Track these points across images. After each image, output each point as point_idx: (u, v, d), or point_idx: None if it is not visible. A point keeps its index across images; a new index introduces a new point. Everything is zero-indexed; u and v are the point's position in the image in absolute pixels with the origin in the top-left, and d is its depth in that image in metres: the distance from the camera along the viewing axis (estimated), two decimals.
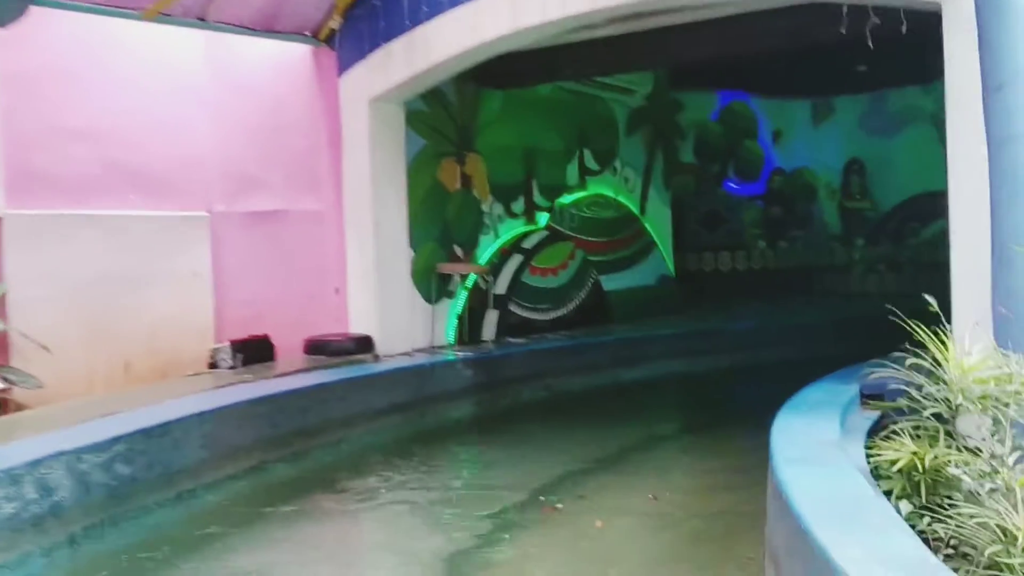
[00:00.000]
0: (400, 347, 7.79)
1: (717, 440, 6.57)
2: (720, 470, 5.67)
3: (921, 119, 14.75)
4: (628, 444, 6.29)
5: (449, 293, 8.47)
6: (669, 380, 9.18)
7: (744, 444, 6.21)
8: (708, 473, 5.67)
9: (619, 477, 5.62)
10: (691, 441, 6.67)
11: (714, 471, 5.68)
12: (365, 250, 7.67)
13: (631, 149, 11.17)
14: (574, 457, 5.94)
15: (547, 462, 5.80)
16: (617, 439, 6.42)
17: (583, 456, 5.97)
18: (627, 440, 6.41)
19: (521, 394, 8.15)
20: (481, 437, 6.82)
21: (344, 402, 6.40)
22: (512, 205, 9.33)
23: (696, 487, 5.39)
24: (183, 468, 4.99)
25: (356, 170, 7.71)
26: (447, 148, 8.51)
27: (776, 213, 14.70)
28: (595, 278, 10.30)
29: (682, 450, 6.44)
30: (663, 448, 6.39)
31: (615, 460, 5.88)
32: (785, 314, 11.48)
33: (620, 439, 6.43)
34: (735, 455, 5.98)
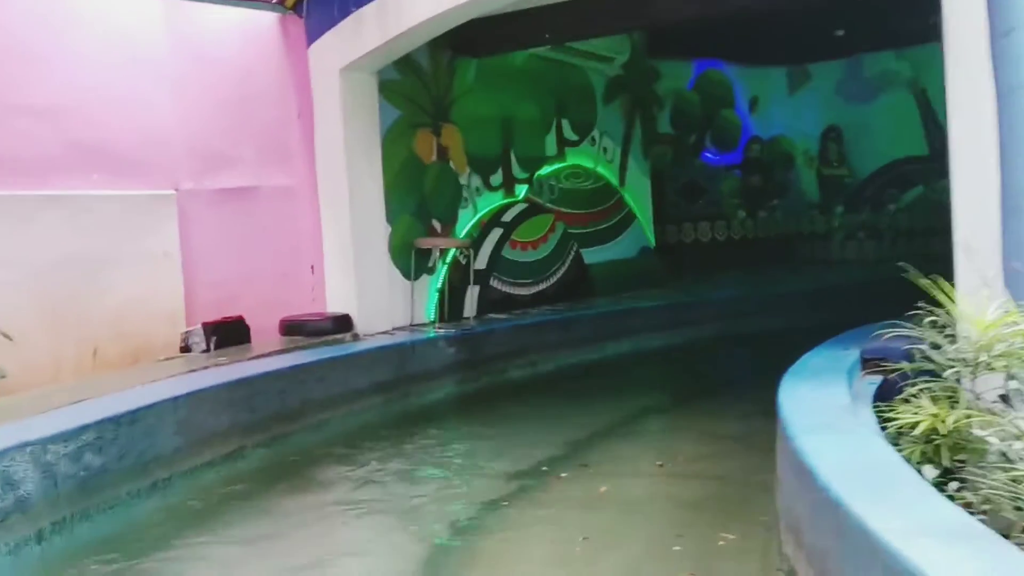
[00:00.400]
0: (380, 326, 7.54)
1: (712, 409, 6.40)
2: (721, 438, 5.50)
3: (897, 84, 14.65)
4: (622, 417, 6.11)
5: (429, 269, 8.22)
6: (656, 352, 9.02)
7: (740, 411, 6.07)
8: (708, 441, 5.49)
9: (620, 447, 5.46)
10: (686, 411, 6.48)
11: (715, 439, 5.51)
12: (340, 226, 7.40)
13: (609, 119, 10.94)
14: (570, 432, 5.74)
15: (541, 438, 5.59)
16: (610, 412, 6.22)
17: (578, 430, 5.77)
18: (621, 413, 6.23)
19: (506, 371, 7.94)
20: (469, 415, 6.60)
21: (324, 383, 6.15)
22: (490, 177, 9.07)
23: (698, 455, 5.21)
24: (157, 456, 4.72)
25: (329, 143, 7.42)
26: (422, 119, 8.23)
27: (755, 182, 14.55)
28: (576, 251, 10.08)
29: (678, 420, 6.25)
30: (658, 419, 6.22)
31: (610, 433, 5.70)
32: (767, 283, 11.36)
33: (613, 412, 6.24)
34: (733, 422, 5.82)
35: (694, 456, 5.17)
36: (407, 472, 5.13)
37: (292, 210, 7.53)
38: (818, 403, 3.78)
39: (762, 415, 5.91)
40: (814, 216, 14.25)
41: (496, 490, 4.67)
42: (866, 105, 15.01)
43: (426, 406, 6.89)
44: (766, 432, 5.33)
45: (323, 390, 6.14)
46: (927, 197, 14.31)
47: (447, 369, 7.37)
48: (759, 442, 5.11)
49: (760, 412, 5.99)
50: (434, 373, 7.24)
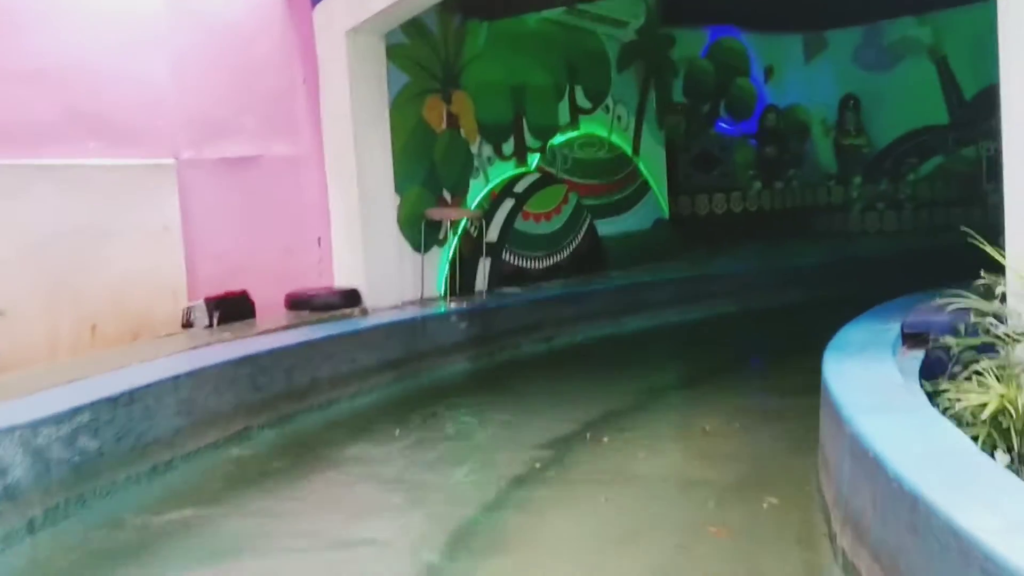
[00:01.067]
0: (389, 300, 7.26)
1: (736, 385, 6.12)
2: (752, 410, 5.22)
3: (917, 51, 14.25)
4: (647, 391, 5.82)
5: (439, 241, 7.93)
6: (674, 327, 8.73)
7: (768, 386, 5.80)
8: (742, 414, 5.20)
9: (652, 418, 5.20)
10: (712, 386, 6.16)
11: (747, 411, 5.23)
12: (348, 196, 7.10)
13: (623, 86, 10.59)
14: (589, 409, 5.45)
15: (561, 414, 5.31)
16: (630, 389, 5.94)
17: (597, 407, 5.49)
18: (641, 390, 5.94)
19: (520, 347, 7.66)
20: (485, 393, 6.30)
21: (332, 360, 5.87)
22: (502, 146, 8.75)
23: (730, 430, 4.93)
24: (158, 438, 4.46)
25: (335, 110, 7.11)
26: (432, 85, 7.90)
27: (770, 153, 14.20)
28: (590, 222, 9.77)
29: (704, 394, 5.95)
30: (684, 394, 5.92)
31: (634, 409, 5.40)
32: (786, 256, 11.04)
33: (633, 389, 5.95)
34: (767, 396, 5.55)
35: (725, 432, 4.89)
36: (424, 452, 4.85)
37: (297, 180, 7.22)
38: (869, 381, 3.49)
39: (793, 392, 5.68)
40: (831, 187, 13.90)
41: (520, 467, 4.40)
42: (884, 73, 14.62)
43: (439, 384, 6.61)
44: (798, 408, 5.11)
45: (331, 368, 5.87)
46: (946, 167, 13.97)
47: (460, 345, 7.10)
48: (799, 416, 4.88)
49: (791, 388, 5.76)
50: (446, 349, 6.97)
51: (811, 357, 7.05)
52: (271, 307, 6.82)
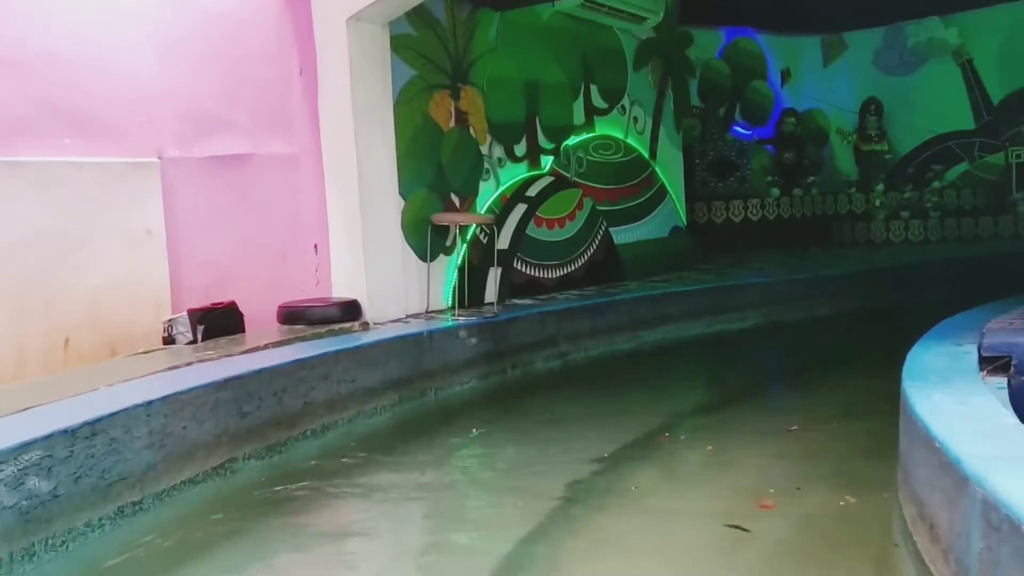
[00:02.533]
0: (392, 312, 6.67)
1: (776, 408, 5.51)
2: (788, 442, 4.60)
3: (941, 54, 13.70)
4: (669, 418, 5.20)
5: (446, 248, 7.33)
6: (696, 342, 8.15)
7: (810, 413, 5.20)
8: (779, 443, 4.59)
9: (676, 461, 4.55)
10: (744, 410, 5.54)
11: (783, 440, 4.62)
12: (348, 199, 6.50)
13: (640, 86, 10.00)
14: (617, 435, 4.84)
15: (587, 442, 4.70)
16: (654, 414, 5.31)
17: (624, 433, 4.87)
18: (666, 413, 5.32)
19: (534, 363, 7.07)
20: (498, 417, 5.69)
21: (328, 381, 5.26)
22: (514, 147, 8.15)
23: (787, 488, 4.31)
24: (125, 476, 3.85)
25: (334, 105, 6.52)
26: (439, 79, 7.31)
27: (789, 158, 13.62)
28: (605, 229, 9.17)
29: (737, 421, 5.32)
30: (713, 418, 5.28)
31: (657, 444, 4.77)
32: (810, 266, 10.43)
33: (657, 414, 5.33)
34: (818, 411, 4.94)
35: (784, 495, 4.28)
36: (436, 491, 4.23)
37: (293, 181, 6.63)
38: (973, 420, 2.89)
39: (835, 415, 5.09)
40: (852, 195, 13.31)
41: (542, 513, 3.79)
42: (906, 77, 14.09)
43: (447, 406, 6.01)
44: (851, 434, 4.49)
45: (328, 389, 5.26)
46: (972, 175, 13.41)
47: (469, 362, 6.49)
48: (867, 432, 4.29)
49: (831, 412, 5.16)
50: (454, 367, 6.36)
51: (844, 373, 6.53)
52: (262, 320, 6.23)
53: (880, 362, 6.37)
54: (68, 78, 5.84)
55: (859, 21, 14.26)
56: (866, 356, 6.93)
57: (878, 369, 6.11)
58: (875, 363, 6.51)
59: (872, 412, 4.96)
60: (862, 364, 6.64)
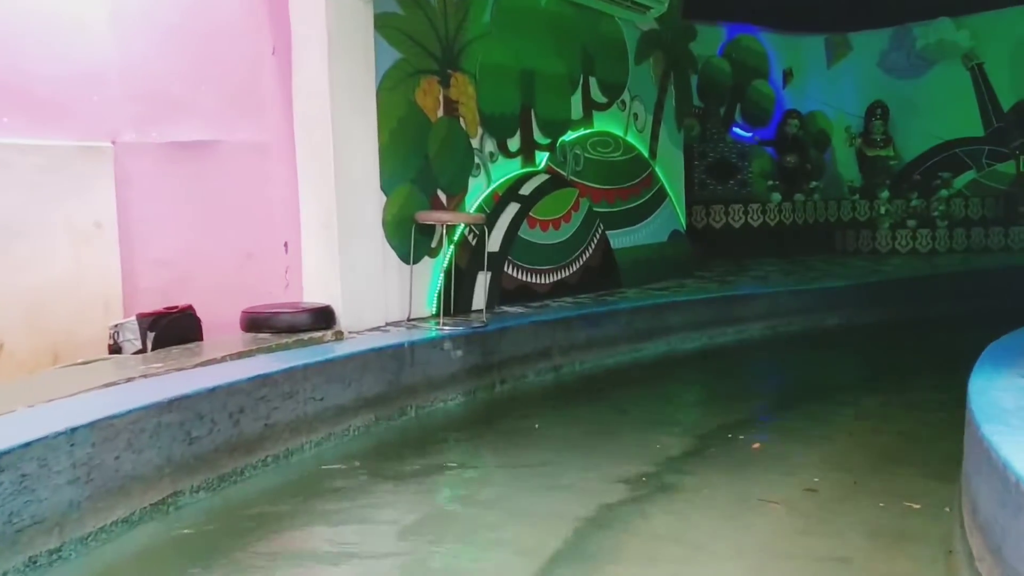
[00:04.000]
0: (369, 320, 6.02)
1: (798, 432, 4.88)
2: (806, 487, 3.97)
3: (950, 56, 13.17)
4: (673, 448, 4.56)
5: (431, 250, 6.68)
6: (700, 355, 7.56)
7: (833, 443, 4.59)
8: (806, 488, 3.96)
9: (687, 502, 3.92)
10: (767, 432, 4.92)
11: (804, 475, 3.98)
12: (323, 193, 5.84)
13: (641, 80, 9.38)
14: (615, 467, 4.20)
15: (588, 470, 4.06)
16: (657, 440, 4.68)
17: (625, 464, 4.23)
18: (669, 441, 4.69)
19: (525, 377, 6.45)
20: (486, 440, 5.05)
21: (294, 400, 4.61)
22: (507, 141, 7.51)
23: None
24: (40, 519, 3.19)
25: (310, 88, 5.86)
26: (427, 64, 6.66)
27: (791, 162, 13.06)
28: (602, 232, 8.55)
29: (749, 470, 4.68)
30: (733, 445, 4.65)
31: (663, 483, 4.12)
32: (815, 275, 9.86)
33: (660, 439, 4.69)
34: (843, 459, 4.31)
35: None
36: (414, 541, 3.58)
37: (262, 172, 5.97)
38: None
39: (851, 446, 4.46)
40: (856, 202, 12.76)
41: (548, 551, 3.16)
42: (913, 80, 13.56)
43: (429, 426, 5.37)
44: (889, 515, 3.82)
45: (293, 409, 4.60)
46: (981, 183, 12.90)
47: (454, 377, 5.86)
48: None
49: (861, 459, 4.53)
50: (438, 382, 5.72)
51: (856, 392, 5.92)
52: (225, 326, 5.56)
53: (914, 388, 5.85)
54: (8, 51, 5.20)
55: (865, 21, 13.73)
56: (891, 379, 6.35)
57: (910, 398, 5.57)
58: (905, 389, 5.94)
59: (914, 462, 4.35)
60: (885, 390, 6.05)
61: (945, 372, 6.49)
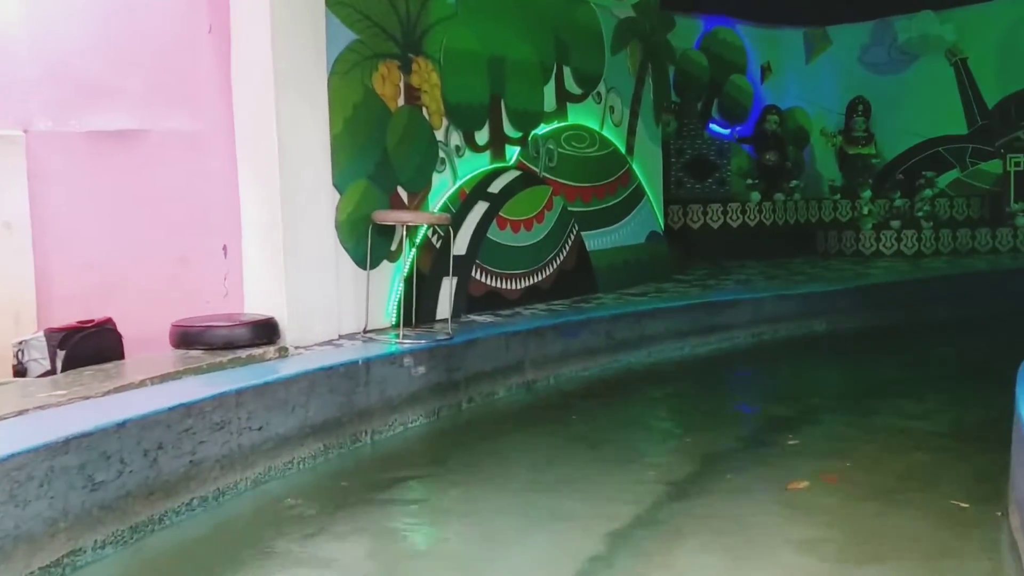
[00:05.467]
0: (320, 333, 5.35)
1: (803, 455, 4.30)
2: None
3: (933, 51, 12.74)
4: (661, 483, 3.94)
5: (390, 254, 6.02)
6: (684, 366, 6.99)
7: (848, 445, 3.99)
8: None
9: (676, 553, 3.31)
10: (768, 463, 4.33)
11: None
12: (267, 190, 5.16)
13: (617, 71, 8.78)
14: (593, 507, 3.59)
15: (558, 526, 3.44)
16: (643, 471, 4.06)
17: (606, 507, 3.62)
18: (657, 471, 4.07)
19: (495, 395, 5.83)
20: (449, 474, 4.42)
21: (226, 430, 3.95)
22: (475, 134, 6.88)
23: None
24: None
25: (251, 72, 5.17)
26: (386, 47, 6.00)
27: (771, 160, 12.54)
28: (577, 234, 7.94)
29: (760, 481, 4.09)
30: (717, 490, 4.05)
31: (654, 523, 3.51)
32: (800, 279, 9.33)
33: (648, 469, 4.08)
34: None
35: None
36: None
37: (198, 165, 5.28)
38: None
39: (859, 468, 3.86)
40: (838, 201, 12.27)
41: None
42: (894, 76, 13.13)
43: (387, 455, 4.73)
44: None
45: (225, 441, 3.94)
46: (965, 183, 12.48)
47: (415, 396, 5.21)
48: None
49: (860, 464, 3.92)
50: (397, 403, 5.07)
51: (859, 411, 5.34)
52: (153, 341, 4.87)
53: (919, 407, 5.27)
54: None
55: (845, 14, 13.26)
56: (893, 395, 5.80)
57: (913, 423, 5.00)
58: (909, 408, 5.37)
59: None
60: (888, 409, 5.50)
61: (946, 388, 6.03)
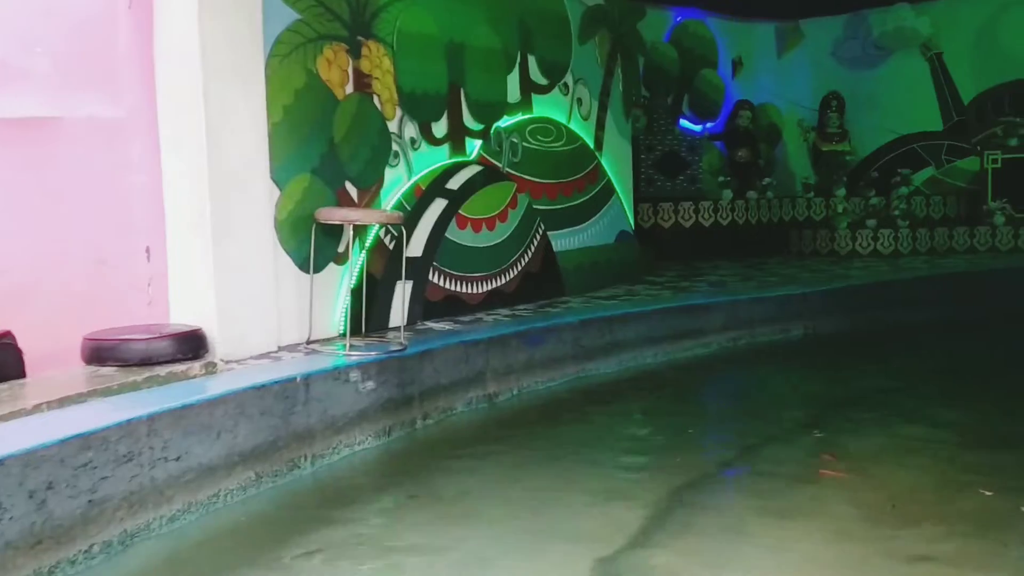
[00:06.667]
0: (257, 345, 4.80)
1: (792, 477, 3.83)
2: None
3: (908, 46, 12.40)
4: (637, 524, 3.45)
5: (338, 256, 5.48)
6: (656, 374, 6.53)
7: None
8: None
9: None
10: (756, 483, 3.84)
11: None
12: (194, 184, 4.60)
13: (585, 61, 8.30)
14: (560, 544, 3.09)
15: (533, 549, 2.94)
16: (614, 501, 3.57)
17: (578, 538, 3.12)
18: (631, 502, 3.57)
19: (454, 410, 5.31)
20: (400, 505, 3.89)
21: (135, 463, 3.39)
22: (432, 125, 6.35)
23: None
24: None
25: (178, 51, 4.61)
26: (333, 29, 5.46)
27: (743, 157, 12.14)
28: (543, 234, 7.44)
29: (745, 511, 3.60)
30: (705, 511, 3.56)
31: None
32: (777, 281, 8.91)
33: (618, 500, 3.58)
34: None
35: None
36: None
37: (117, 157, 4.69)
38: None
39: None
40: (811, 199, 11.89)
41: None
42: (868, 71, 12.80)
43: (328, 484, 4.18)
44: None
45: (133, 476, 3.38)
46: (940, 181, 12.16)
47: (363, 414, 4.68)
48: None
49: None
50: (342, 423, 4.54)
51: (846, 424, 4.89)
52: (63, 358, 4.29)
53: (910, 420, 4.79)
54: None
55: (818, 7, 12.89)
56: (880, 406, 5.35)
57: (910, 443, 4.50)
58: (897, 423, 4.90)
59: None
60: (877, 424, 5.04)
61: (938, 398, 5.60)
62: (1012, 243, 10.92)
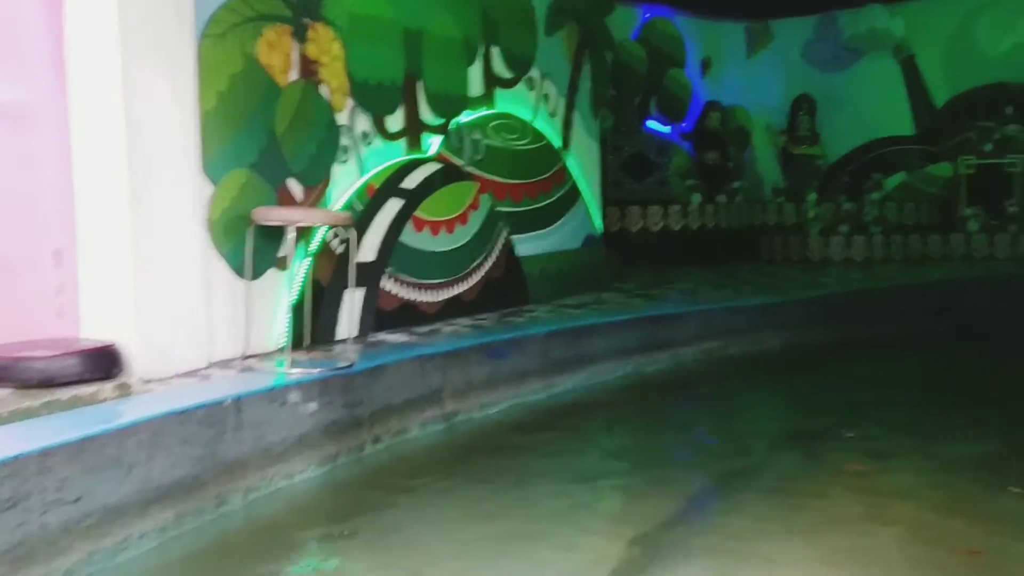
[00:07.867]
0: (184, 362, 4.24)
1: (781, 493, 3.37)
2: None
3: (880, 48, 12.10)
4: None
5: (279, 261, 4.94)
6: (626, 388, 6.09)
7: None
8: None
9: None
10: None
11: None
12: (110, 178, 4.03)
13: (551, 55, 7.82)
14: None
15: None
16: (578, 536, 3.09)
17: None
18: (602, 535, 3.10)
19: (407, 432, 4.80)
20: (349, 537, 3.38)
21: (20, 508, 2.84)
22: (386, 119, 5.83)
23: None
24: None
25: (91, 29, 4.05)
26: (275, 8, 4.92)
27: (712, 159, 11.75)
28: (507, 237, 6.96)
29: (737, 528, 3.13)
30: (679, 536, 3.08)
31: None
32: (750, 289, 8.53)
33: (584, 533, 3.11)
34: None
35: None
36: None
37: (21, 147, 4.11)
38: None
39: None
40: (782, 204, 11.54)
41: None
42: (839, 73, 12.49)
43: (261, 523, 3.65)
44: None
45: (20, 523, 2.83)
46: (912, 186, 11.87)
47: (305, 439, 4.16)
48: None
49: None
50: (279, 450, 4.01)
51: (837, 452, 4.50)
52: None
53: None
54: None
55: (788, 7, 12.55)
56: (871, 428, 4.93)
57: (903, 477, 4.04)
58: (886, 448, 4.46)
59: None
60: (863, 448, 4.62)
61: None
62: (987, 251, 10.65)
